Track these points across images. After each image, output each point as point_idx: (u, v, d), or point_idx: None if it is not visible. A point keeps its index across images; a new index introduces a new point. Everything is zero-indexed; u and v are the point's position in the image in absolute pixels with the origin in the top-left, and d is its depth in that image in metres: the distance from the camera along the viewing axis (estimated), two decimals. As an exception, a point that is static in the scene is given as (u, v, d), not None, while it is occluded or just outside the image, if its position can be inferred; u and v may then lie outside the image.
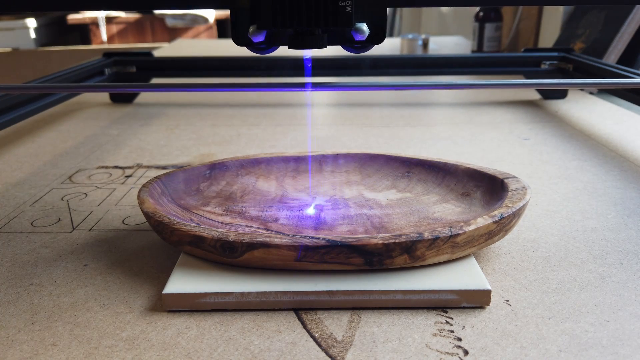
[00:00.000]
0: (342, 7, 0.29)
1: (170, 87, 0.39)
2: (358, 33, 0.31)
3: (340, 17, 0.30)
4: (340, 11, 0.30)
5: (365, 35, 0.31)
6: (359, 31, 0.31)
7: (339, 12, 0.30)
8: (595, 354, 0.26)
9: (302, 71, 0.82)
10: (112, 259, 0.35)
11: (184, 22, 2.58)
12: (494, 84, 0.38)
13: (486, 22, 1.21)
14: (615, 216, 0.40)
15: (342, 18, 0.30)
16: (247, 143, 0.60)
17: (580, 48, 0.91)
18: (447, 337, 0.27)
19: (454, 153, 0.56)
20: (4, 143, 0.62)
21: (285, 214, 0.36)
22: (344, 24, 0.30)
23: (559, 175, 0.49)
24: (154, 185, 0.36)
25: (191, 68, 0.83)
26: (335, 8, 0.30)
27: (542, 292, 0.31)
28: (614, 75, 0.62)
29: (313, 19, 0.30)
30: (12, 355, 0.26)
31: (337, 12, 0.30)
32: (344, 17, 0.30)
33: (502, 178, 0.36)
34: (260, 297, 0.29)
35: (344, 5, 0.29)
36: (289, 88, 0.37)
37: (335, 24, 0.30)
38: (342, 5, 0.29)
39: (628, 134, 0.61)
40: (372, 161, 0.42)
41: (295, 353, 0.26)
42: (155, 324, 0.28)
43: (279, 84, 0.37)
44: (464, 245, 0.30)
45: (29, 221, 0.41)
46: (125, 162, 0.54)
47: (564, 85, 0.40)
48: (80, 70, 0.73)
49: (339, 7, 0.30)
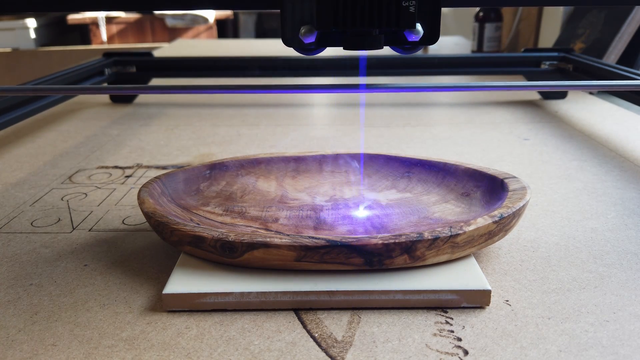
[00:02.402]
0: (406, 8, 0.29)
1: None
2: (413, 34, 0.30)
3: (403, 17, 0.29)
4: (404, 11, 0.29)
5: (420, 35, 0.30)
6: (414, 32, 0.30)
7: (402, 13, 0.29)
8: (595, 354, 0.26)
9: (300, 71, 0.82)
10: (112, 259, 0.35)
11: (184, 22, 2.58)
12: (494, 85, 0.38)
13: (486, 22, 1.21)
14: (615, 216, 0.40)
15: (405, 18, 0.29)
16: (247, 143, 0.60)
17: (580, 48, 0.91)
18: (447, 337, 0.27)
19: (454, 153, 0.56)
20: (4, 143, 0.62)
21: (285, 214, 0.36)
22: (406, 25, 0.29)
23: (559, 175, 0.49)
24: (154, 185, 0.36)
25: (191, 68, 0.83)
26: (399, 8, 0.29)
27: (542, 292, 0.31)
28: (614, 75, 0.62)
29: (375, 20, 0.29)
30: (12, 355, 0.26)
31: (400, 12, 0.29)
32: (407, 17, 0.29)
33: (502, 178, 0.36)
34: (260, 297, 0.29)
35: (407, 5, 0.29)
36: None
37: (398, 24, 0.29)
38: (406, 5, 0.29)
39: (628, 134, 0.61)
40: (372, 161, 0.42)
41: (295, 353, 0.26)
42: (155, 324, 0.28)
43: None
44: (464, 245, 0.30)
45: (29, 221, 0.41)
46: (125, 162, 0.54)
47: (564, 87, 0.40)
48: (80, 71, 0.73)
49: (402, 7, 0.29)
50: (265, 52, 1.33)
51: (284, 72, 0.82)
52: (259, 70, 0.81)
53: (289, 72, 0.82)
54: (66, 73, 0.70)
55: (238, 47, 1.55)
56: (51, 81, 0.66)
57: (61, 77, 0.68)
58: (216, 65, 0.82)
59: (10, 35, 2.21)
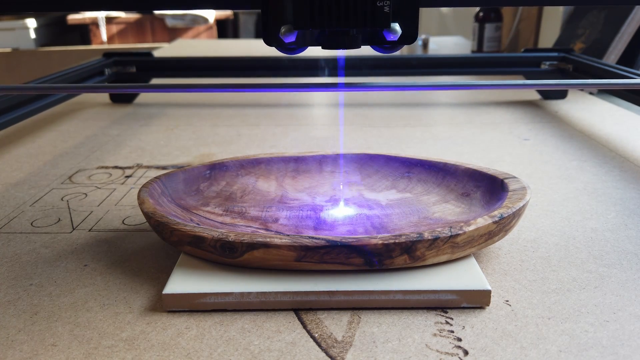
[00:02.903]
0: (380, 7, 0.29)
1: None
2: (391, 33, 0.30)
3: (378, 17, 0.29)
4: (378, 11, 0.29)
5: (397, 35, 0.30)
6: (392, 31, 0.30)
7: (376, 12, 0.29)
8: (595, 354, 0.26)
9: (299, 71, 0.82)
10: (112, 259, 0.35)
11: (184, 23, 2.58)
12: (494, 84, 0.38)
13: (486, 23, 1.21)
14: (615, 216, 0.40)
15: (379, 18, 0.29)
16: (247, 143, 0.60)
17: (580, 48, 0.91)
18: (447, 337, 0.27)
19: (454, 153, 0.56)
20: (4, 143, 0.62)
21: (285, 214, 0.36)
22: (381, 25, 0.30)
23: (559, 175, 0.49)
24: (154, 186, 0.36)
25: (191, 68, 0.83)
26: (373, 8, 0.29)
27: (542, 292, 0.31)
28: (614, 75, 0.62)
29: (351, 19, 0.29)
30: (12, 356, 0.26)
31: (374, 12, 0.29)
32: (381, 17, 0.29)
33: (502, 178, 0.36)
34: (260, 297, 0.29)
35: (381, 5, 0.29)
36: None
37: (373, 24, 0.30)
38: (380, 5, 0.29)
39: (628, 134, 0.61)
40: (372, 161, 0.42)
41: (295, 353, 0.26)
42: (155, 324, 0.28)
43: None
44: (464, 245, 0.30)
45: (29, 221, 0.41)
46: (125, 162, 0.54)
47: (564, 86, 0.40)
48: (80, 71, 0.73)
49: (376, 7, 0.29)
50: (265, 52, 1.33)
51: (284, 72, 0.82)
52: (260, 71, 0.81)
53: (288, 73, 0.82)
54: (66, 73, 0.70)
55: (238, 47, 1.55)
56: (51, 81, 0.66)
57: (61, 77, 0.68)
58: (216, 65, 0.82)
59: (10, 35, 2.21)
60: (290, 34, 0.30)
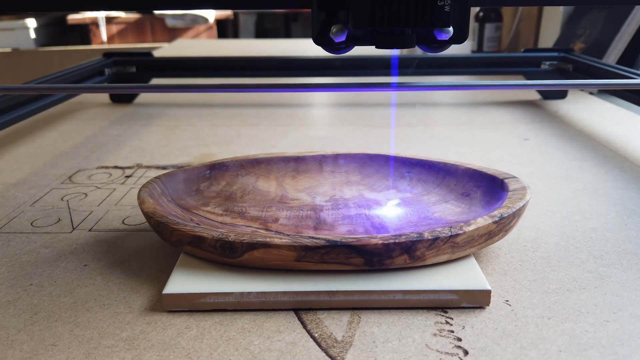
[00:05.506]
0: (441, 7, 0.29)
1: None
2: (443, 32, 0.30)
3: (438, 16, 0.29)
4: (439, 10, 0.29)
5: (449, 34, 0.30)
6: (444, 30, 0.30)
7: (437, 12, 0.29)
8: (595, 354, 0.26)
9: (297, 71, 0.82)
10: (112, 259, 0.35)
11: (184, 22, 2.58)
12: (494, 84, 0.38)
13: (486, 22, 1.21)
14: (615, 216, 0.40)
15: (440, 17, 0.29)
16: (247, 143, 0.60)
17: (580, 48, 0.91)
18: (447, 337, 0.27)
19: (454, 153, 0.56)
20: (4, 143, 0.62)
21: (285, 214, 0.36)
22: (442, 24, 0.29)
23: (559, 175, 0.49)
24: (154, 185, 0.36)
25: (191, 68, 0.83)
26: (434, 7, 0.29)
27: (542, 292, 0.31)
28: (614, 75, 0.62)
29: (411, 19, 0.29)
30: (12, 355, 0.26)
31: (435, 11, 0.29)
32: (442, 16, 0.29)
33: (502, 178, 0.36)
34: (260, 297, 0.29)
35: (442, 4, 0.29)
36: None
37: (433, 23, 0.29)
38: (441, 4, 0.29)
39: (628, 134, 0.61)
40: (372, 161, 0.42)
41: (295, 353, 0.26)
42: (155, 324, 0.28)
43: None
44: (464, 245, 0.30)
45: (29, 221, 0.41)
46: (125, 162, 0.54)
47: (564, 86, 0.40)
48: (80, 71, 0.73)
49: (437, 6, 0.29)
50: (265, 52, 1.33)
51: (284, 72, 0.82)
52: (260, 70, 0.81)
53: (288, 72, 0.82)
54: (66, 73, 0.70)
55: (238, 47, 1.55)
56: (51, 81, 0.66)
57: (61, 77, 0.68)
58: (216, 65, 0.82)
59: (10, 35, 2.21)
60: (342, 33, 0.30)
